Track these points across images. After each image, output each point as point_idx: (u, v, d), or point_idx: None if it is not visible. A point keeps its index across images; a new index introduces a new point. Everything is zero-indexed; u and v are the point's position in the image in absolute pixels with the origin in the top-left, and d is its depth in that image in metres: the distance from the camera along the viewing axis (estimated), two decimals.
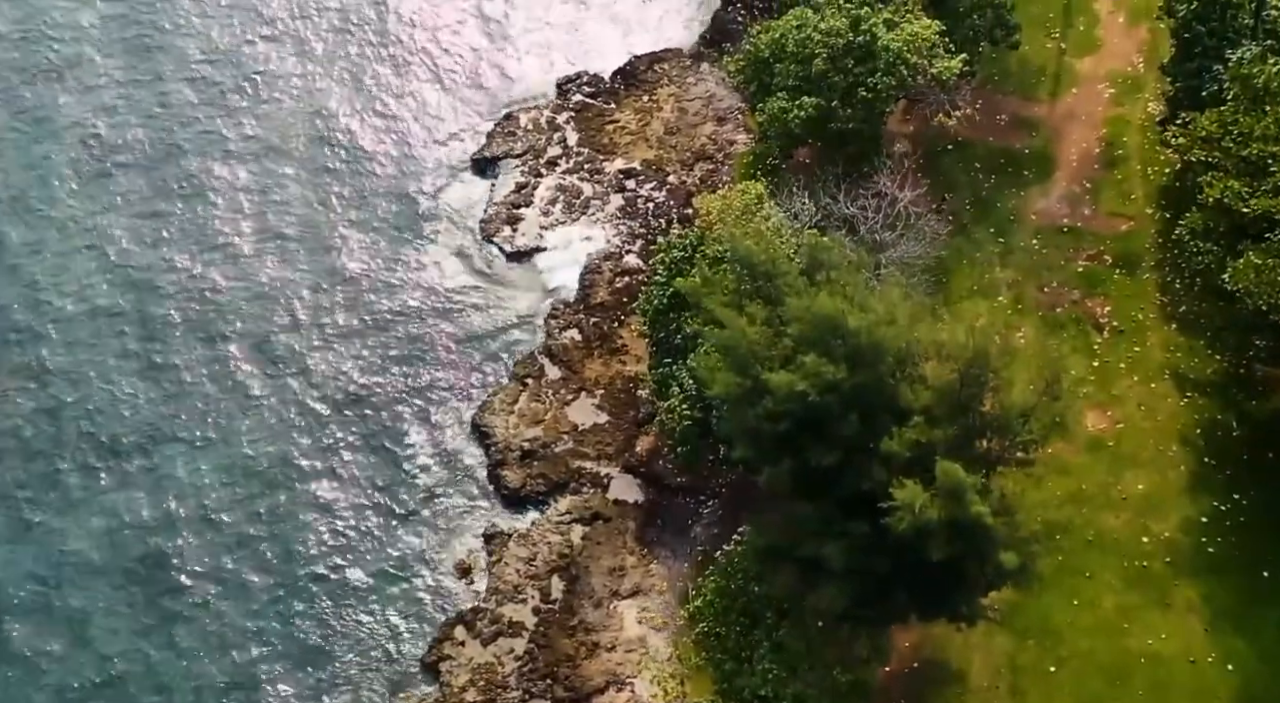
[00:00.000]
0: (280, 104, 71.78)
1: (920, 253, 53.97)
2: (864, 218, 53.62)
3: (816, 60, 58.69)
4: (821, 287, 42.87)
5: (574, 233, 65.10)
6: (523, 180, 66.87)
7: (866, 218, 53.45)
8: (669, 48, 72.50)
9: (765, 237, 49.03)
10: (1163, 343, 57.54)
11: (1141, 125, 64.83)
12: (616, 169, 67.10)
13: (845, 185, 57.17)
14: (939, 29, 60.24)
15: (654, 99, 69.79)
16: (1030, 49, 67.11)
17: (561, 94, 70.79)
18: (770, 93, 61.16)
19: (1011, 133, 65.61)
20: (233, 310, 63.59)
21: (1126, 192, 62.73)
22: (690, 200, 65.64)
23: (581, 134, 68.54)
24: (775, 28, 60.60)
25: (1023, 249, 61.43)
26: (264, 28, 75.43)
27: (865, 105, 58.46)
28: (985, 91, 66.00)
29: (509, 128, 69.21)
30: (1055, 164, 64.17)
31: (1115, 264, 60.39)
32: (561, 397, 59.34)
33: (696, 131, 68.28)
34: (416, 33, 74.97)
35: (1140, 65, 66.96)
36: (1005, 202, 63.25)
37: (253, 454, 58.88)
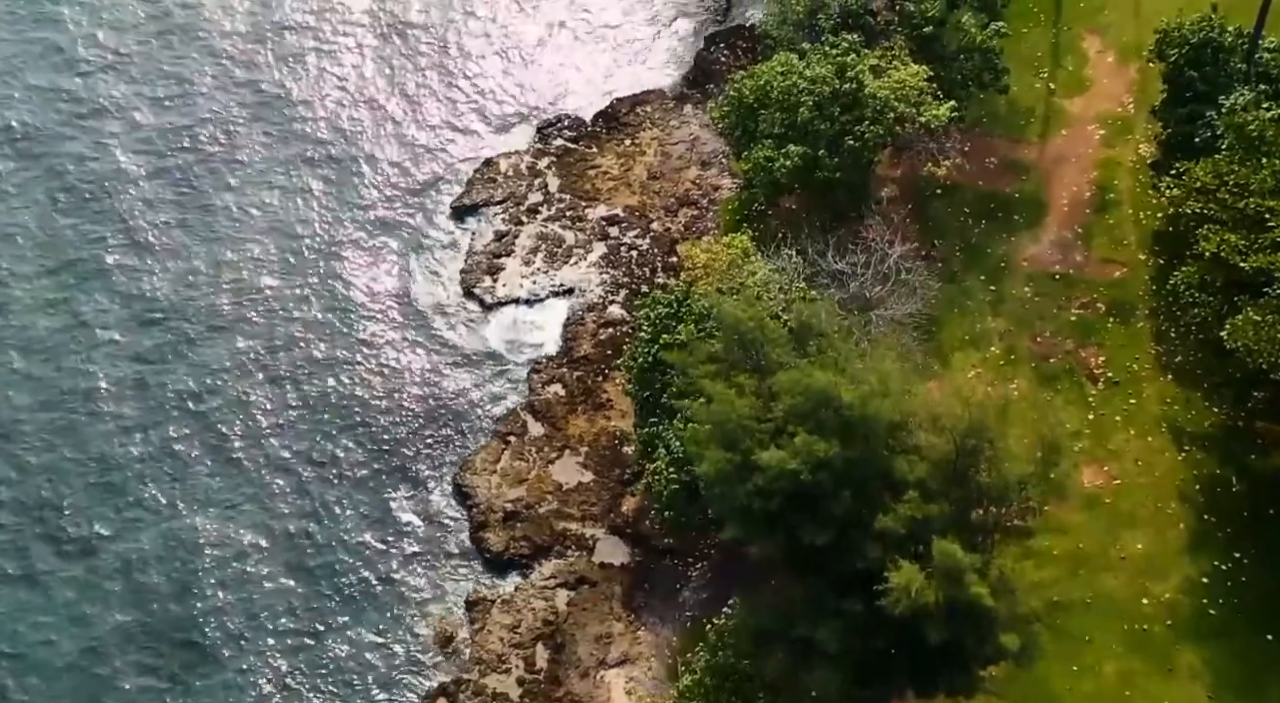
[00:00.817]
0: (254, 152, 69.99)
1: (912, 310, 52.65)
2: (853, 273, 52.30)
3: (802, 108, 57.44)
4: (813, 358, 41.53)
5: (556, 283, 63.66)
6: (503, 228, 65.42)
7: (856, 273, 52.12)
8: (651, 89, 71.16)
9: (751, 298, 47.57)
10: (1159, 395, 56.34)
11: (1133, 168, 63.69)
12: (599, 216, 65.72)
13: (833, 239, 55.91)
14: (926, 74, 59.15)
15: (637, 143, 68.43)
16: (1019, 89, 65.89)
17: (542, 138, 69.38)
18: (755, 139, 59.94)
19: (1001, 176, 64.44)
20: (205, 368, 61.79)
21: (1119, 237, 61.57)
22: (674, 248, 64.36)
23: (563, 179, 67.15)
24: (760, 74, 59.34)
25: (1014, 297, 60.21)
26: (237, 70, 74.00)
27: (852, 154, 57.19)
28: (974, 134, 64.75)
29: (489, 174, 67.73)
30: (1046, 208, 62.97)
31: (1109, 312, 59.19)
32: (545, 455, 57.84)
33: (680, 176, 66.94)
34: (393, 77, 73.37)
35: (1130, 106, 65.83)
36: (996, 248, 62.04)
37: (228, 517, 57.23)
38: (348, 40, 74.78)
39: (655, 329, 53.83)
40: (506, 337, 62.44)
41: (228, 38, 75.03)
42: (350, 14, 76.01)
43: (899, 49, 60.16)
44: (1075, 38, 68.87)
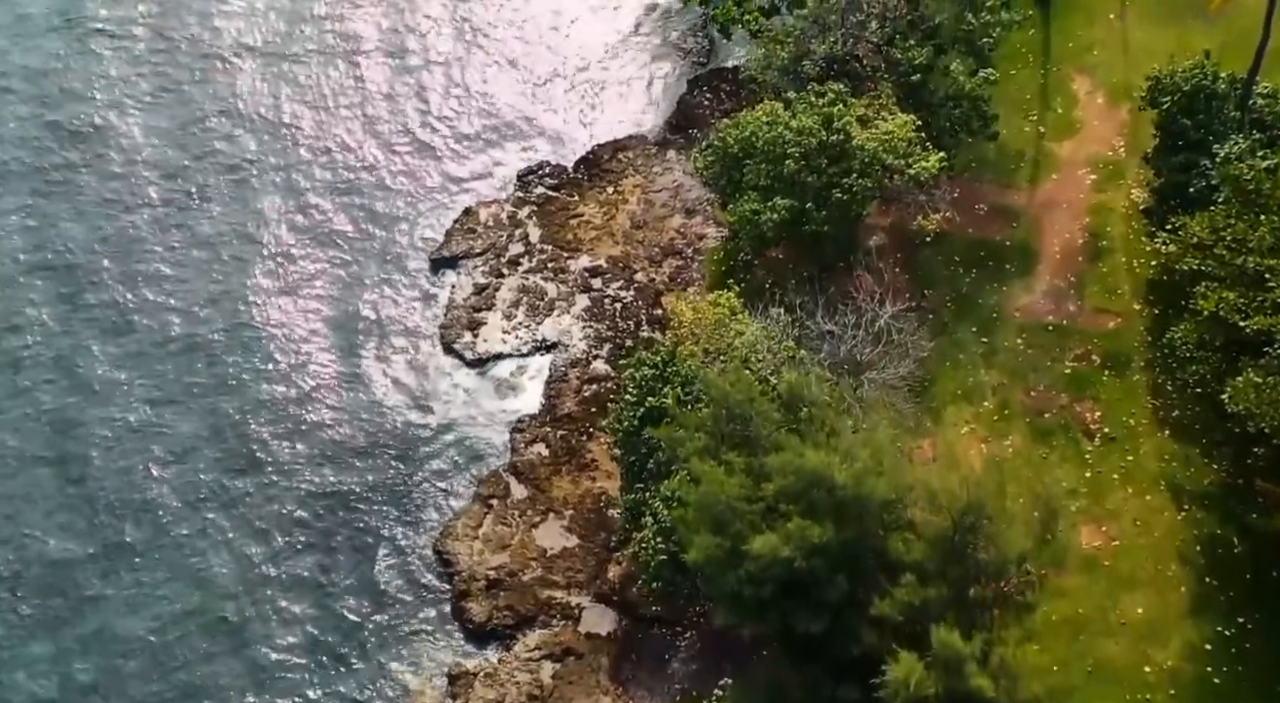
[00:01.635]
0: (223, 206, 68.10)
1: (904, 373, 51.26)
2: (843, 335, 50.88)
3: (788, 160, 56.15)
4: (804, 434, 40.11)
5: (538, 337, 62.04)
6: (483, 281, 63.84)
7: (846, 335, 50.72)
8: (633, 134, 69.63)
9: (740, 360, 45.98)
10: (1156, 451, 54.98)
11: (1125, 213, 62.45)
12: (582, 267, 64.19)
13: (822, 298, 54.54)
14: (915, 124, 57.86)
15: (619, 190, 66.96)
16: (1007, 132, 64.55)
17: (522, 186, 67.81)
18: (740, 190, 58.62)
19: (991, 223, 63.14)
20: (174, 433, 59.90)
21: (1113, 286, 60.27)
22: (659, 300, 62.90)
23: (544, 229, 65.64)
24: (745, 124, 57.96)
25: (1007, 349, 58.82)
26: (205, 125, 72.11)
27: (840, 207, 55.84)
28: (963, 179, 63.37)
29: (468, 224, 66.16)
30: (1038, 256, 61.65)
31: (1104, 365, 57.83)
32: (529, 519, 56.22)
33: (664, 225, 65.50)
34: (368, 124, 71.58)
35: (1121, 149, 64.61)
36: (987, 298, 60.69)
37: (199, 587, 55.44)
38: (319, 88, 72.94)
39: (641, 391, 52.33)
40: (488, 395, 60.78)
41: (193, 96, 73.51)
42: (322, 63, 74.16)
43: (886, 97, 58.88)
44: (1064, 78, 67.70)
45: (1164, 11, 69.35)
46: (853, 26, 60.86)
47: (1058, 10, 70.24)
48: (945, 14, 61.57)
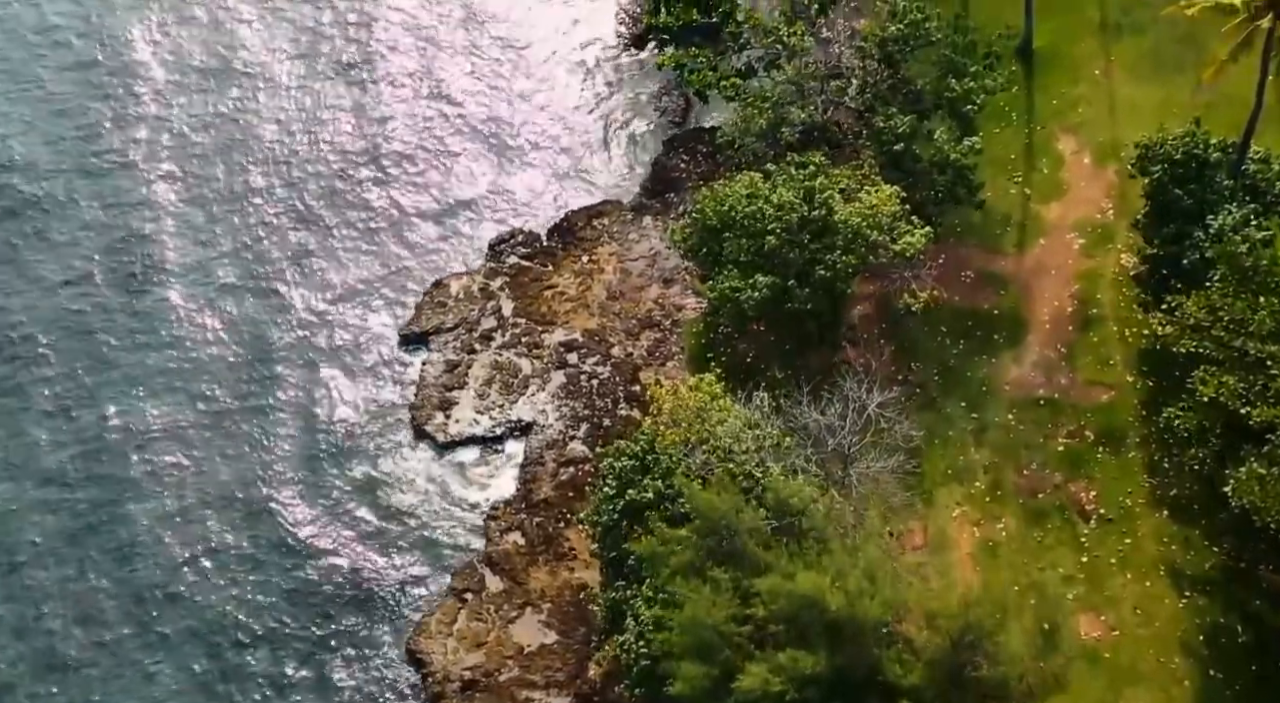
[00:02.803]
0: (179, 276, 65.57)
1: (894, 466, 49.22)
2: (830, 426, 48.84)
3: (770, 236, 54.23)
4: (795, 556, 38.04)
5: (512, 418, 59.74)
6: (455, 358, 61.55)
7: (833, 426, 48.68)
8: (608, 199, 67.46)
9: (723, 479, 43.84)
10: (1155, 533, 53.12)
11: (1115, 279, 60.65)
12: (556, 341, 61.98)
13: (806, 381, 52.57)
14: (899, 195, 56.03)
15: (594, 259, 64.85)
16: (992, 195, 62.65)
17: (494, 256, 65.55)
18: (719, 263, 56.67)
19: (978, 291, 61.28)
20: (130, 521, 57.35)
21: (1104, 356, 58.44)
22: (637, 375, 60.76)
23: (517, 302, 63.41)
24: (724, 197, 56.01)
25: (998, 425, 56.92)
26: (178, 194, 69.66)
27: (824, 284, 53.96)
28: (948, 245, 61.51)
29: (439, 297, 63.83)
30: (1027, 326, 59.79)
31: (1098, 441, 55.97)
32: (505, 613, 53.87)
33: (641, 296, 63.38)
34: (332, 191, 68.89)
35: (1110, 212, 62.90)
36: (976, 370, 58.80)
37: (146, 690, 52.94)
38: (277, 155, 70.37)
39: (620, 483, 50.18)
40: (461, 480, 58.40)
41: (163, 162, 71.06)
42: (281, 130, 71.65)
43: (869, 167, 57.09)
44: (1049, 137, 65.94)
45: (1149, 67, 67.89)
46: (832, 92, 59.02)
47: (1040, 66, 68.62)
48: (927, 78, 59.90)
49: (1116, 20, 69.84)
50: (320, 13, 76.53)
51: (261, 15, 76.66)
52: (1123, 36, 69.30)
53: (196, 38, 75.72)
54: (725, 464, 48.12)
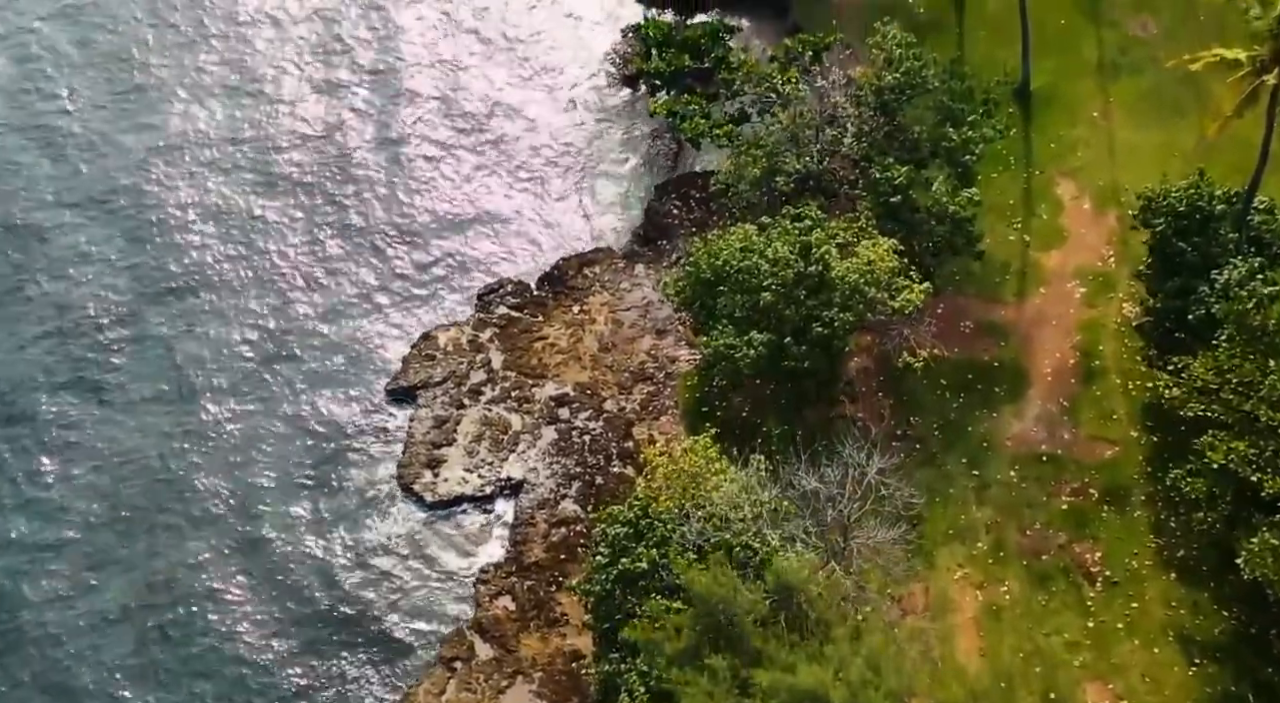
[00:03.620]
0: (168, 328, 64.10)
1: (895, 538, 47.81)
2: (829, 494, 47.46)
3: (765, 292, 52.95)
4: (796, 646, 36.68)
5: (502, 476, 58.18)
6: (443, 413, 60.07)
7: (833, 495, 47.30)
8: (599, 247, 66.09)
9: (722, 565, 42.25)
10: (1163, 596, 51.75)
11: (1117, 330, 59.41)
12: (547, 396, 60.52)
13: (804, 440, 51.22)
14: (896, 248, 54.77)
15: (585, 309, 63.47)
16: (991, 242, 61.27)
17: (484, 306, 64.05)
18: (713, 316, 55.35)
19: (978, 342, 59.98)
20: (100, 597, 55.64)
21: (1108, 410, 57.18)
22: (630, 431, 59.37)
23: (507, 355, 61.98)
24: (717, 250, 54.71)
25: (1000, 483, 55.56)
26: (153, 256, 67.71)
27: (821, 342, 52.64)
28: (946, 294, 60.24)
29: (427, 350, 62.33)
30: (1028, 379, 58.50)
31: (1102, 499, 54.62)
32: (495, 683, 52.27)
33: (634, 347, 62.00)
34: (318, 243, 67.31)
35: (1111, 259, 61.71)
36: (977, 425, 57.47)
37: None
38: (266, 206, 68.77)
39: (613, 551, 48.73)
40: (449, 541, 56.86)
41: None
42: (265, 171, 70.20)
43: (865, 219, 55.80)
44: (1048, 182, 64.75)
45: (1149, 108, 66.81)
46: (828, 141, 57.75)
47: (1038, 108, 67.48)
48: (924, 125, 58.69)
49: (1114, 60, 68.82)
50: (292, 78, 74.51)
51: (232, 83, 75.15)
52: (1121, 77, 68.27)
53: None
54: (722, 534, 46.78)
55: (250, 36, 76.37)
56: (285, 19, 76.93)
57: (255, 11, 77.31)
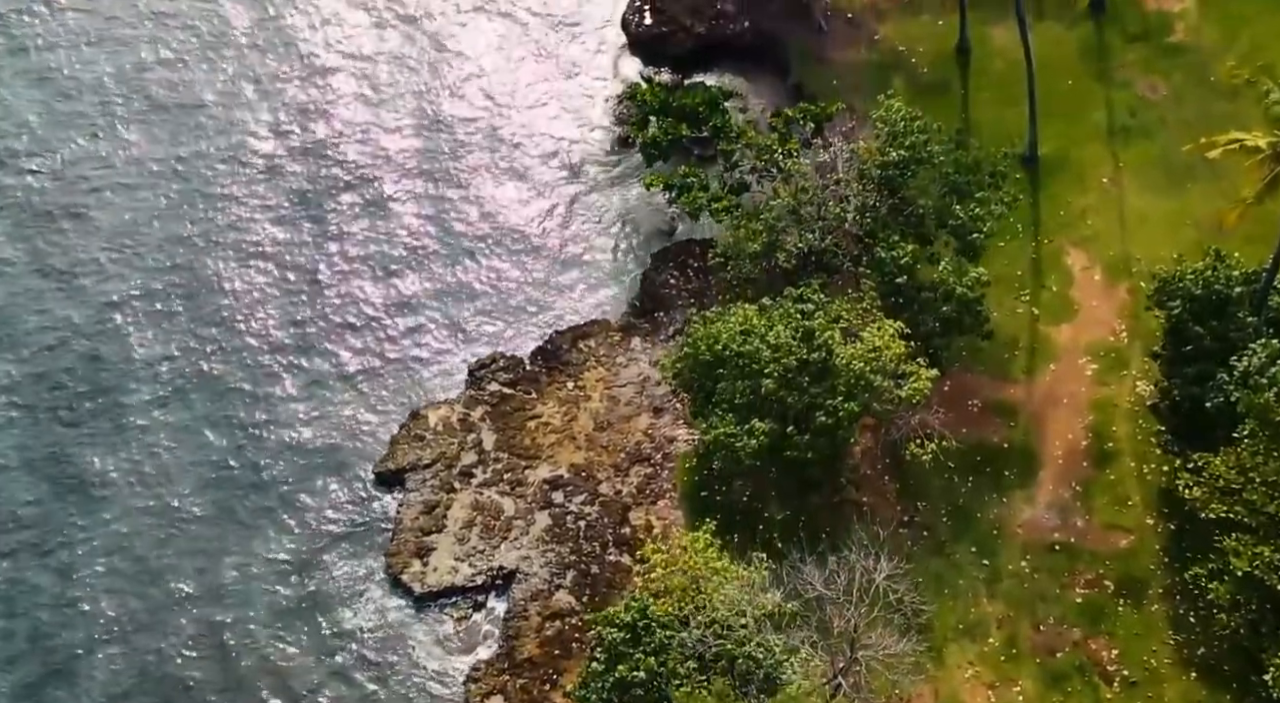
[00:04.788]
0: (156, 418, 61.46)
1: (905, 650, 45.68)
2: (835, 599, 45.34)
3: (766, 379, 50.96)
4: None
5: (494, 565, 55.90)
6: (433, 498, 57.88)
7: (838, 600, 45.18)
8: (594, 319, 63.83)
9: (724, 692, 40.28)
10: (1183, 698, 49.45)
11: (1131, 410, 57.33)
12: (541, 478, 58.36)
13: (807, 526, 49.24)
14: (902, 330, 52.74)
15: (580, 385, 61.35)
16: (999, 315, 59.18)
17: (475, 382, 61.80)
18: (712, 400, 53.31)
19: (986, 422, 57.92)
20: (82, 677, 53.73)
21: (1122, 496, 55.10)
22: (627, 516, 57.23)
23: (499, 434, 59.86)
24: (716, 333, 52.69)
25: (1011, 574, 53.45)
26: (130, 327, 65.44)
27: (825, 432, 50.61)
28: (953, 371, 57.94)
29: (416, 430, 60.12)
30: (1039, 461, 56.43)
31: (1118, 592, 52.51)
32: None
33: (630, 426, 59.89)
34: (298, 313, 64.88)
35: (1123, 334, 59.66)
36: (986, 511, 55.39)
37: None
38: (241, 272, 66.35)
39: (610, 657, 46.53)
40: (438, 636, 54.51)
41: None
42: (240, 241, 67.65)
43: (869, 300, 53.78)
44: (1057, 252, 62.73)
45: (1159, 174, 64.79)
46: (831, 218, 55.79)
47: (1047, 173, 65.49)
48: (929, 199, 56.79)
49: (1124, 123, 66.82)
50: (270, 141, 71.95)
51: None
52: (1131, 141, 66.25)
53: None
54: (723, 643, 44.68)
55: (223, 102, 73.61)
56: (264, 77, 74.92)
57: (234, 75, 74.97)
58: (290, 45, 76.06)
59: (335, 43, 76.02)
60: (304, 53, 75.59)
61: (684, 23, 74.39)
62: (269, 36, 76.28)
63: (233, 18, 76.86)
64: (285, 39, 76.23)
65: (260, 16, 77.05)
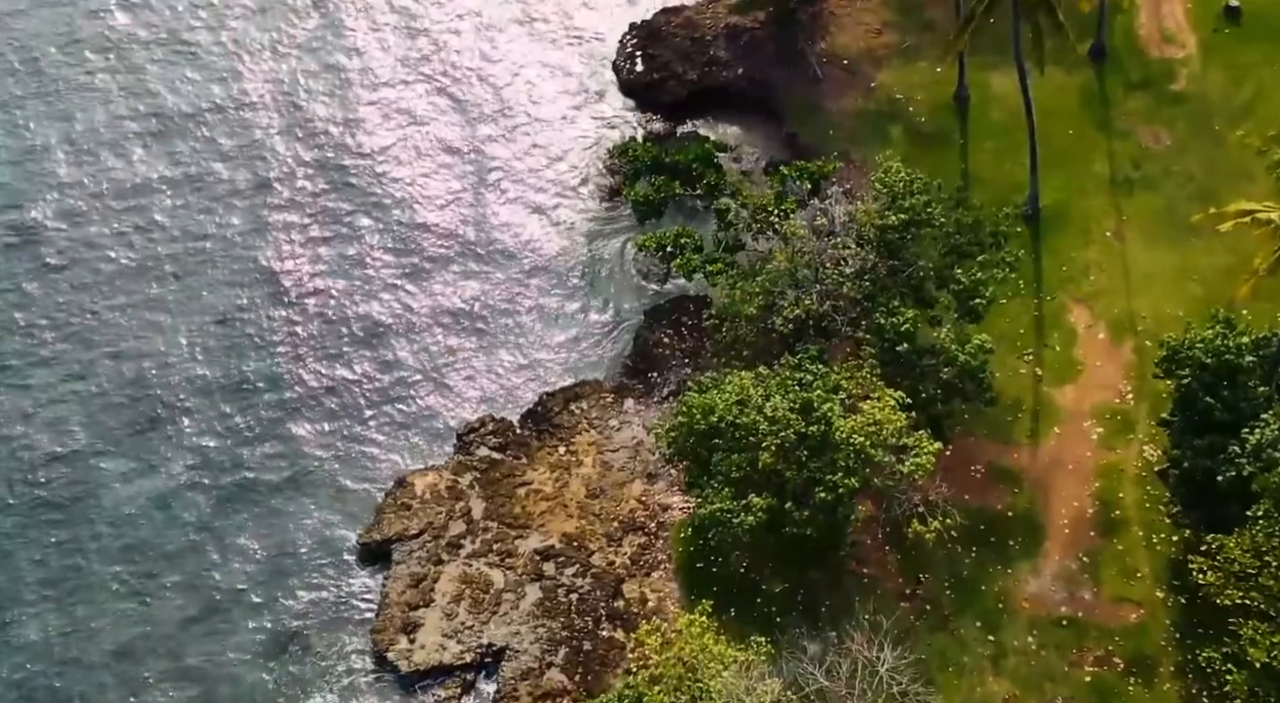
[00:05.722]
0: (136, 491, 59.43)
1: None
2: (838, 693, 43.65)
3: (764, 453, 49.34)
4: None
5: (483, 641, 53.92)
6: (420, 570, 56.00)
7: (841, 694, 43.48)
8: (586, 380, 62.04)
9: None
10: None
11: (1138, 476, 55.71)
12: (531, 548, 56.54)
13: (808, 607, 47.47)
14: (903, 400, 51.08)
15: (572, 450, 59.59)
16: (1001, 375, 57.57)
17: (463, 447, 60.00)
18: (708, 471, 51.63)
19: (990, 489, 56.25)
20: None
21: (1130, 568, 53.46)
22: (620, 588, 55.47)
23: (489, 502, 58.02)
24: (712, 403, 51.01)
25: (1018, 650, 51.72)
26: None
27: (824, 508, 48.98)
28: (955, 435, 56.35)
29: (403, 498, 58.26)
30: (1044, 531, 54.78)
31: (1128, 669, 50.77)
32: None
33: (623, 493, 58.12)
34: (292, 378, 63.05)
35: (1129, 396, 58.10)
36: (991, 583, 53.70)
37: None
38: (235, 341, 64.41)
39: None
40: None
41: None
42: (236, 313, 65.70)
43: (869, 369, 52.16)
44: (1060, 309, 61.26)
45: (1163, 227, 63.42)
46: (829, 283, 54.15)
47: (1048, 227, 64.06)
48: (929, 259, 55.24)
49: (1127, 175, 65.46)
50: (245, 215, 70.06)
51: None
52: (1134, 193, 64.91)
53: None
54: None
55: (183, 184, 71.63)
56: (247, 132, 73.53)
57: (216, 124, 73.72)
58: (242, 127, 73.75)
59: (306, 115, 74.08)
60: (263, 124, 73.61)
61: (676, 69, 73.10)
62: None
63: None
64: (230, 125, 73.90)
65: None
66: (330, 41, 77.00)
